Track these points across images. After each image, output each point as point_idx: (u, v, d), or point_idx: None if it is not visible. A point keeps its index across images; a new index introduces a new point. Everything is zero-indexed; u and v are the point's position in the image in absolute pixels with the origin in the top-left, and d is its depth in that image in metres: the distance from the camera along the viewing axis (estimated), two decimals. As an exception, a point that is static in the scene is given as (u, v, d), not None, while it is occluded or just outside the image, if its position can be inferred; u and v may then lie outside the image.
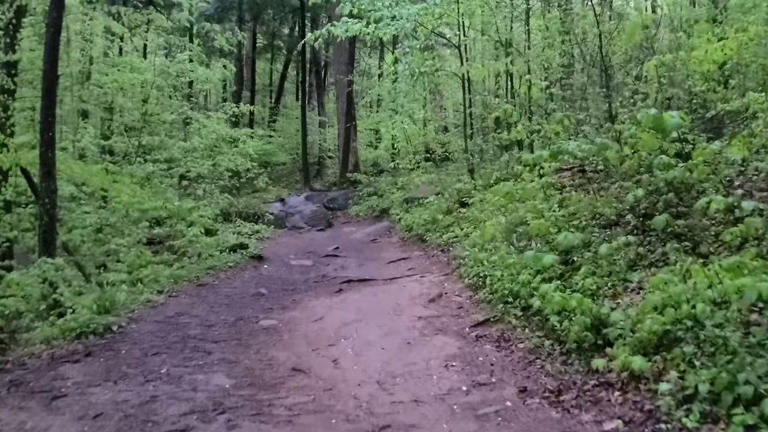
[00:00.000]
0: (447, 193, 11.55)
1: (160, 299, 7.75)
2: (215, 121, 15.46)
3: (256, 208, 15.59)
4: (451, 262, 8.79)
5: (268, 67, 32.94)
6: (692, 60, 6.21)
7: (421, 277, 8.33)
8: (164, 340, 6.02)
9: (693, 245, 4.89)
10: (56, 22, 8.08)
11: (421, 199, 14.43)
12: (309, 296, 7.84)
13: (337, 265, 10.22)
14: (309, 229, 15.48)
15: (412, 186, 14.73)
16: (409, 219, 12.99)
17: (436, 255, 9.89)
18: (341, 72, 21.45)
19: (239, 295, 8.07)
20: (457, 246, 9.12)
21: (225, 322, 6.70)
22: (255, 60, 29.57)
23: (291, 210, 16.44)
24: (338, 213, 18.60)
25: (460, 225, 10.27)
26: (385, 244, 12.54)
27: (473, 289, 7.01)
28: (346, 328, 6.21)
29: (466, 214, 10.50)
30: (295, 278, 9.28)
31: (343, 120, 21.55)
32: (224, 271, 9.58)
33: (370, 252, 11.63)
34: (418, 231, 11.68)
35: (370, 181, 19.26)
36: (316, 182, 23.63)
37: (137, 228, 9.74)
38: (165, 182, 12.35)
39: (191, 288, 8.47)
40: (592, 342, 4.39)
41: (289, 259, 11.01)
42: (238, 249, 10.66)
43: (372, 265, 10.01)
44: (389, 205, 16.16)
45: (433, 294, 7.13)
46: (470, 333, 5.72)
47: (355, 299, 7.43)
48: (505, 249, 7.00)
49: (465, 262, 7.81)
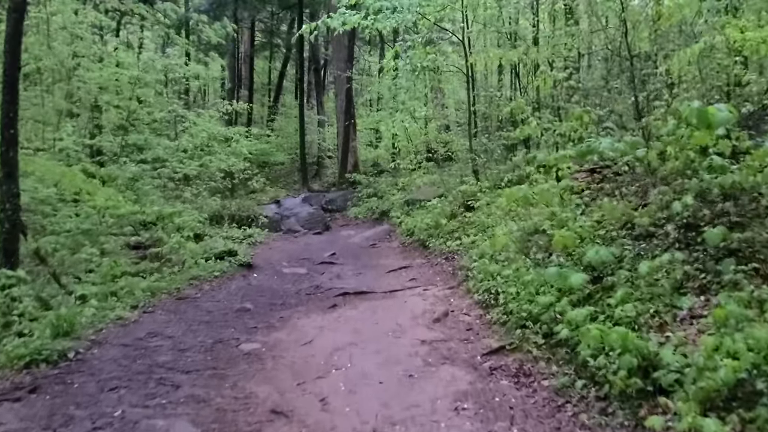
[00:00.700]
0: (451, 195, 10.66)
1: (132, 316, 6.86)
2: (207, 120, 14.58)
3: (249, 211, 14.69)
4: (457, 272, 7.89)
5: (266, 65, 32.10)
6: (741, 43, 5.31)
7: (425, 290, 7.43)
8: (127, 369, 5.13)
9: (756, 264, 3.99)
10: (19, 6, 7.20)
11: (423, 201, 13.55)
12: (299, 312, 6.94)
13: (333, 274, 9.33)
14: (305, 233, 14.59)
15: (414, 187, 13.83)
16: (410, 223, 12.10)
17: (439, 264, 8.99)
18: (340, 69, 20.57)
19: (222, 310, 7.18)
20: (464, 255, 8.24)
21: (201, 345, 5.81)
22: (253, 58, 28.69)
23: (286, 212, 15.55)
24: (336, 215, 17.73)
25: (466, 231, 9.38)
26: (384, 250, 11.65)
27: (483, 306, 6.12)
28: (338, 355, 5.33)
29: (472, 219, 9.61)
30: (286, 289, 8.39)
31: (342, 118, 20.67)
32: (209, 282, 8.69)
33: (369, 258, 10.73)
34: (420, 236, 10.79)
35: (370, 181, 18.38)
36: (314, 183, 22.76)
37: (115, 235, 8.85)
38: (151, 184, 11.46)
39: (170, 302, 7.58)
40: (639, 387, 3.49)
41: (281, 267, 10.11)
42: (225, 256, 9.77)
43: (370, 275, 9.12)
44: (389, 207, 15.28)
45: (439, 312, 6.23)
46: (483, 363, 4.83)
47: (350, 317, 6.53)
48: (520, 262, 6.11)
49: (473, 275, 6.92)
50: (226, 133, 14.15)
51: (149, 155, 11.38)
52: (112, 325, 6.50)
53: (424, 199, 13.68)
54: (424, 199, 13.65)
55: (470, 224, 9.49)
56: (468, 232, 9.29)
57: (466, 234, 9.25)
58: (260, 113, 29.35)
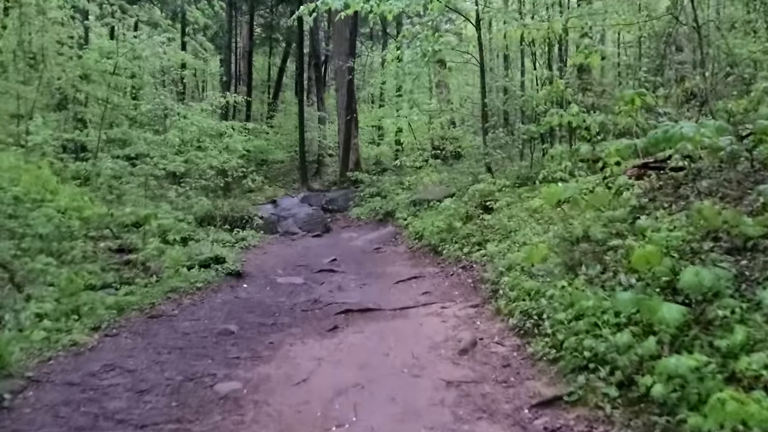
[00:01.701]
0: (466, 195, 9.35)
1: (90, 340, 5.57)
2: (198, 113, 13.27)
3: (244, 212, 13.40)
4: (479, 286, 6.60)
5: (265, 62, 30.80)
6: None
7: (442, 307, 6.15)
8: (64, 424, 3.85)
9: None
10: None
11: (431, 201, 12.27)
12: (293, 336, 5.65)
13: (334, 285, 8.04)
14: (304, 235, 13.29)
15: (421, 186, 12.54)
16: (418, 225, 10.82)
17: (456, 274, 7.71)
18: (342, 60, 19.22)
19: (200, 332, 5.90)
20: (486, 265, 6.95)
21: (168, 384, 4.52)
22: (252, 53, 27.34)
23: (284, 213, 14.23)
24: (337, 215, 16.44)
25: (485, 236, 8.10)
26: (390, 255, 10.36)
27: (521, 334, 4.83)
28: (340, 402, 4.04)
29: (491, 222, 8.32)
30: (280, 304, 7.10)
31: (344, 114, 19.34)
32: (190, 295, 7.38)
33: (374, 265, 9.44)
34: (430, 240, 9.51)
35: (373, 180, 17.08)
36: (314, 182, 21.46)
37: (93, 239, 7.57)
38: (132, 182, 10.18)
39: (139, 321, 6.29)
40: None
41: (275, 276, 8.82)
42: (212, 263, 8.48)
43: (376, 286, 7.84)
44: (394, 208, 14.00)
45: (465, 340, 4.93)
46: (533, 420, 3.55)
47: (354, 344, 5.25)
48: (566, 279, 4.82)
49: (503, 292, 5.62)
50: (219, 128, 12.83)
51: (131, 150, 10.06)
52: (64, 353, 5.21)
53: (433, 199, 12.40)
54: (432, 199, 12.38)
55: (490, 228, 8.21)
56: (488, 237, 8.02)
57: (485, 239, 7.98)
58: (260, 110, 28.06)
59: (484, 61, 11.84)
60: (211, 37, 23.49)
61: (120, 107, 12.91)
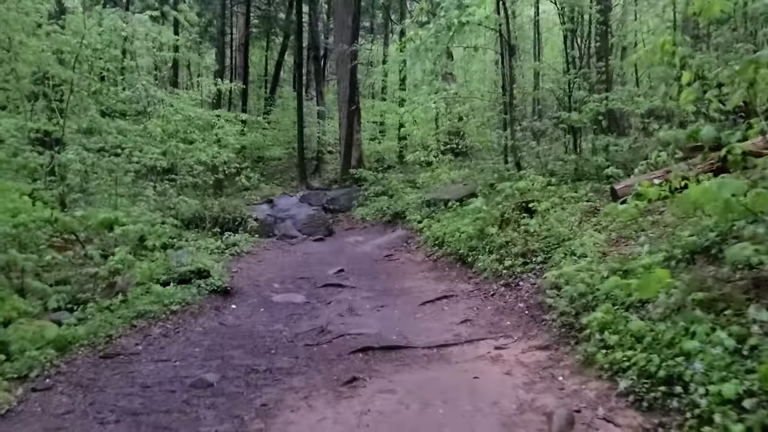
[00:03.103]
0: (500, 195, 7.64)
1: (8, 399, 3.85)
2: (186, 101, 11.51)
3: (236, 212, 11.66)
4: (541, 316, 4.90)
5: (262, 55, 28.97)
6: None
7: (497, 348, 4.44)
8: None
9: None
10: None
11: (449, 201, 10.58)
12: (294, 394, 3.92)
13: (343, 305, 6.32)
14: (304, 239, 11.55)
15: (438, 184, 10.83)
16: (436, 229, 9.12)
17: (498, 293, 6.00)
18: (345, 42, 17.43)
19: (166, 384, 4.17)
20: (543, 284, 5.25)
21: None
22: (248, 45, 25.47)
23: (281, 214, 12.45)
24: (340, 216, 14.70)
25: (529, 244, 6.41)
26: (406, 265, 8.65)
27: (645, 407, 3.12)
28: None
29: (537, 228, 6.61)
30: (276, 334, 5.38)
31: (345, 107, 17.57)
32: (161, 322, 5.64)
33: (389, 278, 7.74)
34: (456, 248, 7.81)
35: (378, 178, 15.37)
36: (314, 180, 19.72)
37: (31, 249, 5.81)
38: (101, 179, 8.41)
39: (87, 365, 4.55)
40: None
41: (270, 292, 7.10)
42: (194, 278, 6.74)
43: (397, 307, 6.13)
44: (404, 208, 12.29)
45: (556, 415, 3.21)
46: None
47: (385, 414, 3.52)
48: (704, 321, 3.12)
49: (590, 332, 3.91)
50: (208, 117, 11.07)
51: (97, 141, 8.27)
52: (-40, 424, 3.49)
53: (450, 198, 10.71)
54: (449, 199, 10.69)
55: (535, 236, 6.51)
56: (533, 246, 6.32)
57: (530, 249, 6.29)
58: (256, 105, 26.23)
59: (510, 40, 10.16)
60: (205, 27, 21.74)
61: (99, 93, 11.10)
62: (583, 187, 7.73)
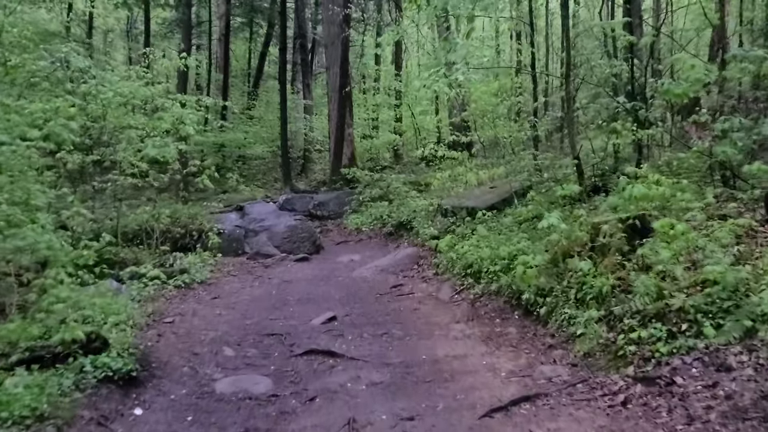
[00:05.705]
0: (582, 209, 4.69)
1: None
2: (133, 79, 8.39)
3: (196, 224, 8.61)
4: None
5: (245, 48, 25.83)
6: None
7: None
8: None
9: None
10: None
11: (474, 209, 7.66)
12: None
13: (336, 408, 3.33)
14: (282, 258, 8.51)
15: (462, 188, 7.86)
16: (466, 251, 6.14)
17: (635, 396, 3.04)
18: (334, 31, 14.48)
19: None
20: None
21: None
22: (228, 34, 22.25)
23: (254, 225, 9.33)
24: (329, 224, 11.71)
25: (662, 294, 3.47)
26: (429, 306, 5.66)
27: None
28: None
29: (673, 265, 3.66)
30: None
31: (336, 97, 14.57)
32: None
33: (408, 335, 4.76)
34: (509, 285, 4.85)
35: (374, 179, 12.40)
36: (299, 181, 16.70)
37: None
38: None
39: None
40: None
41: (214, 370, 4.07)
42: (77, 352, 3.71)
43: (438, 417, 3.16)
44: (410, 217, 9.35)
45: None
46: None
47: None
48: None
49: None
50: (157, 98, 7.99)
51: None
52: None
53: (476, 206, 7.77)
54: (475, 207, 7.76)
55: (675, 280, 3.57)
56: (678, 300, 3.39)
57: (673, 307, 3.36)
58: (239, 102, 23.06)
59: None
60: (176, 5, 18.61)
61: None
62: (707, 190, 4.82)
